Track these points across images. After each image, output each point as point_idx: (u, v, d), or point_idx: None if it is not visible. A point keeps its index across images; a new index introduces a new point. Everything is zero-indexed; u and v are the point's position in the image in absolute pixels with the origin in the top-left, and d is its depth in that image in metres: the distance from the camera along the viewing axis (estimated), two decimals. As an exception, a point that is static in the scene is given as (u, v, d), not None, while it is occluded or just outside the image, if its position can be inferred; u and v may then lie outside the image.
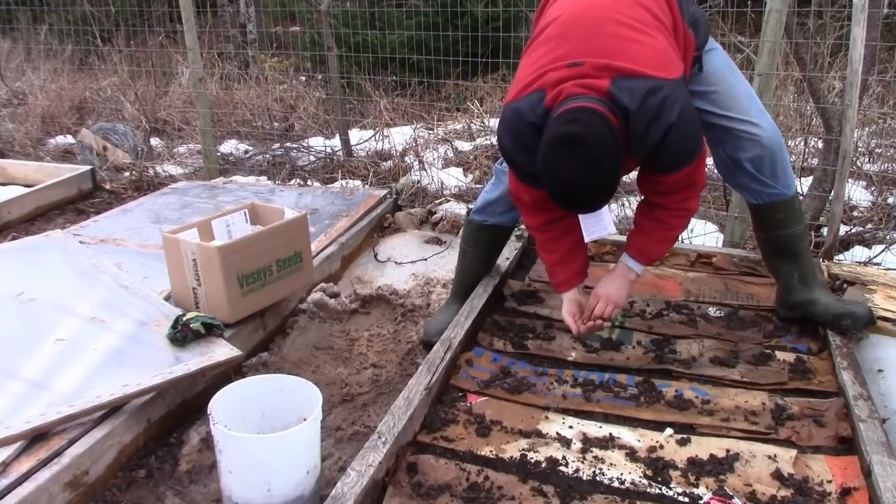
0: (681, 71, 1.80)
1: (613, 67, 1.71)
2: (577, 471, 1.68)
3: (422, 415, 1.85)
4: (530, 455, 1.73)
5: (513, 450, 1.75)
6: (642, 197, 2.06)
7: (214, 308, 2.26)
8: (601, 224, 2.10)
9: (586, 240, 2.11)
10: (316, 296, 2.69)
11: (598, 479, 1.66)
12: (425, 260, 3.17)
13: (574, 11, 1.85)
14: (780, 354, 2.14)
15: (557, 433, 1.81)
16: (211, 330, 2.15)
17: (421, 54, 5.37)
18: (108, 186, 4.15)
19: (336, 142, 4.57)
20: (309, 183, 4.16)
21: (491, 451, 1.75)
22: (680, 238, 3.15)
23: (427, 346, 2.34)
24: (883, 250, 3.01)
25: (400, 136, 4.57)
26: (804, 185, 3.30)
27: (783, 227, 2.19)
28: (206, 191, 3.75)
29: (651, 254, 2.07)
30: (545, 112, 1.75)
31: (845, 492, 1.60)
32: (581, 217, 2.09)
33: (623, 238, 2.33)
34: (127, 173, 4.36)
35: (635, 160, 1.86)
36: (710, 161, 2.13)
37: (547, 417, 1.88)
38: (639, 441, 1.78)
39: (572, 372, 2.08)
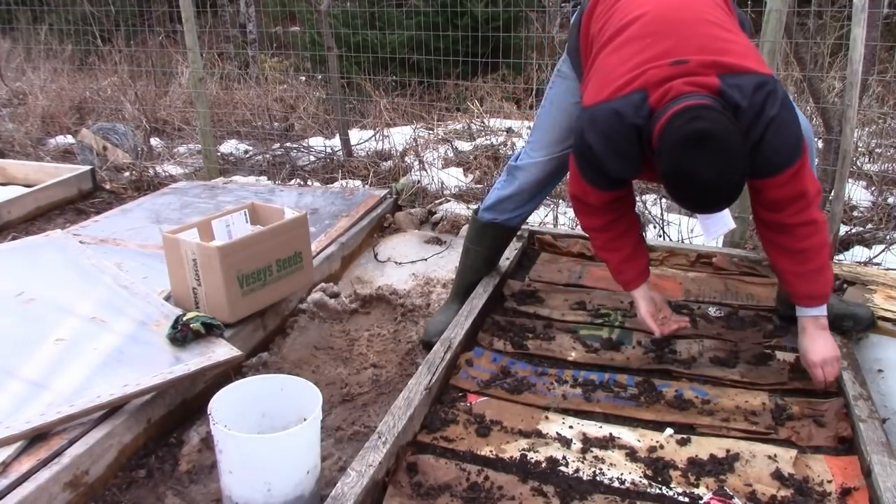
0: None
1: (720, 64, 1.67)
2: (577, 471, 1.68)
3: (422, 415, 1.85)
4: (530, 455, 1.73)
5: (513, 450, 1.75)
6: (760, 237, 1.97)
7: (214, 308, 2.26)
8: (722, 220, 1.95)
9: (709, 238, 1.97)
10: (316, 296, 2.69)
11: (598, 479, 1.66)
12: (425, 260, 3.17)
13: (661, 11, 1.80)
14: (780, 354, 2.14)
15: (557, 433, 1.81)
16: (211, 330, 2.15)
17: (421, 54, 5.37)
18: (108, 186, 4.15)
19: (336, 142, 4.57)
20: (309, 183, 4.16)
21: (491, 451, 1.75)
22: (680, 238, 3.15)
23: (427, 346, 2.33)
24: (883, 250, 3.01)
25: (400, 136, 4.57)
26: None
27: None
28: (206, 191, 3.75)
29: (822, 291, 1.92)
30: (650, 112, 1.69)
31: (845, 492, 1.60)
32: (700, 216, 1.94)
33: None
34: (127, 173, 4.36)
35: None
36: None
37: (547, 417, 1.88)
38: (639, 441, 1.78)
39: (572, 372, 2.08)
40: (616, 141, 1.75)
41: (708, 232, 1.96)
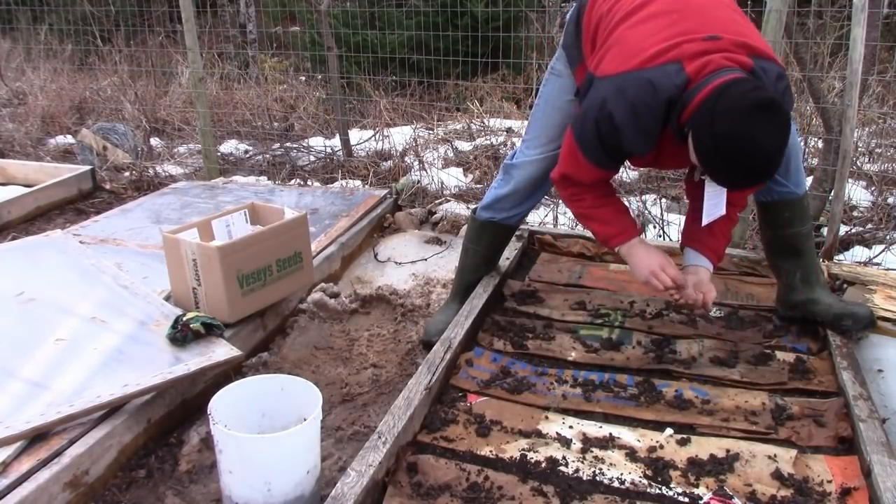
0: None
1: (750, 46, 1.71)
2: (577, 471, 1.68)
3: (422, 415, 1.85)
4: (530, 455, 1.73)
5: (513, 450, 1.75)
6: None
7: (214, 308, 2.26)
8: (720, 204, 1.97)
9: (705, 221, 1.96)
10: (316, 296, 2.69)
11: (598, 479, 1.66)
12: (425, 260, 3.17)
13: None
14: (780, 354, 2.14)
15: (557, 433, 1.81)
16: (211, 330, 2.15)
17: (421, 54, 5.38)
18: (108, 186, 4.15)
19: (336, 142, 4.57)
20: (309, 183, 4.16)
21: (491, 451, 1.75)
22: (680, 238, 3.15)
23: (427, 346, 2.33)
24: (883, 250, 3.01)
25: (400, 136, 4.57)
26: (804, 185, 3.30)
27: (790, 225, 2.17)
28: (206, 191, 3.75)
29: (723, 253, 2.09)
30: (686, 83, 1.68)
31: (845, 492, 1.60)
32: (707, 196, 1.93)
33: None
34: (127, 173, 4.36)
35: None
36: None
37: (547, 417, 1.88)
38: (639, 441, 1.78)
39: (572, 372, 2.08)
40: (643, 112, 1.73)
41: (706, 214, 1.96)
